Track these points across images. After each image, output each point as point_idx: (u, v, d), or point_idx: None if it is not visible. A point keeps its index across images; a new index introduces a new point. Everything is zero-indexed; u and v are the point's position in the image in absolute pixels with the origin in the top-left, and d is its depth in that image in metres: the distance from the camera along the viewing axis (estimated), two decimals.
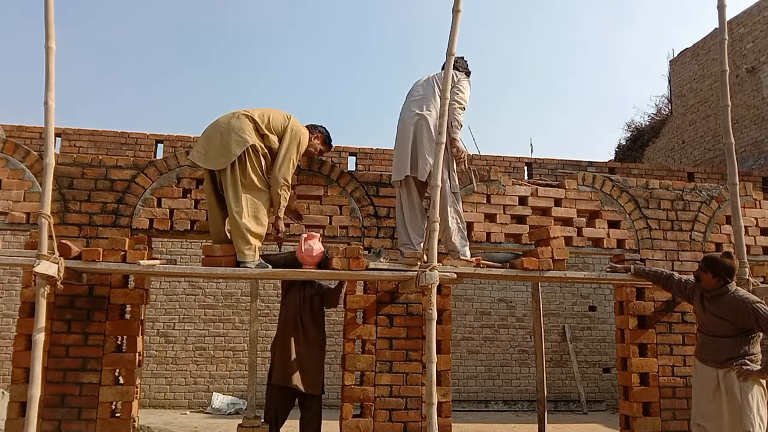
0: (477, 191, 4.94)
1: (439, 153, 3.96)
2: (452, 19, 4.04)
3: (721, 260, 4.04)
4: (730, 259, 4.07)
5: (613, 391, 10.97)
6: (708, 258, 4.12)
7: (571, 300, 11.42)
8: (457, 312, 10.86)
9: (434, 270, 3.80)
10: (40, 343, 3.44)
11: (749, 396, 3.82)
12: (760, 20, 12.08)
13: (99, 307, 4.31)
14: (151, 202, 4.56)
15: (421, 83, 4.69)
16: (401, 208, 4.54)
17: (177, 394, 10.16)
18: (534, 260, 4.35)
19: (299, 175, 4.75)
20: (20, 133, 9.72)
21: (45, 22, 3.53)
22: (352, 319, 4.56)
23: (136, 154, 9.97)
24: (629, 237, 5.12)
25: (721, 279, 4.00)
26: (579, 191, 5.12)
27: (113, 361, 4.26)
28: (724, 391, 3.92)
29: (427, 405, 3.70)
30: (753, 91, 12.14)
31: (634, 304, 4.98)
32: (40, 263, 3.46)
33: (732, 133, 4.61)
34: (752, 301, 3.93)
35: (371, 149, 10.79)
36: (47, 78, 3.51)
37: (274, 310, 10.55)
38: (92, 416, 4.18)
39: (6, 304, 10.08)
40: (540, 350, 6.41)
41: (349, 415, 4.45)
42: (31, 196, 4.43)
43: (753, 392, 3.85)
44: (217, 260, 4.04)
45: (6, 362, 9.64)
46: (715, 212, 5.31)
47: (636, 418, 4.80)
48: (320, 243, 4.13)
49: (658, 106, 16.10)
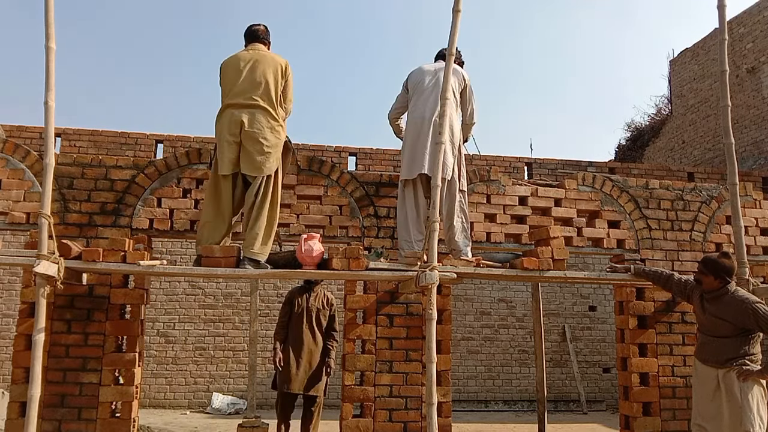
0: (477, 191, 4.94)
1: (439, 153, 3.97)
2: (452, 19, 4.04)
3: (721, 261, 4.04)
4: (728, 259, 4.07)
5: (613, 391, 10.96)
6: (707, 260, 4.11)
7: (571, 300, 11.42)
8: (457, 312, 10.86)
9: (434, 270, 3.81)
10: (40, 343, 3.44)
11: (749, 396, 3.82)
12: (760, 20, 12.08)
13: (99, 307, 4.31)
14: (151, 202, 4.56)
15: (428, 83, 4.65)
16: (405, 207, 4.53)
17: (177, 394, 10.16)
18: (534, 260, 4.35)
19: (299, 175, 4.75)
20: (20, 133, 9.72)
21: (45, 22, 3.53)
22: (352, 319, 4.56)
23: (136, 154, 9.96)
24: (629, 237, 5.12)
25: (722, 280, 4.00)
26: (579, 191, 5.12)
27: (113, 361, 4.26)
28: (724, 392, 3.91)
29: (427, 405, 3.70)
30: (753, 91, 12.14)
31: (634, 304, 4.98)
32: (40, 263, 3.46)
33: (732, 133, 4.61)
34: (752, 301, 3.93)
35: (371, 149, 10.79)
36: (47, 78, 3.51)
37: (274, 310, 10.54)
38: (92, 416, 4.18)
39: (6, 304, 10.07)
40: (540, 350, 6.42)
41: (349, 415, 4.46)
42: (31, 196, 4.43)
43: (753, 392, 3.84)
44: (216, 260, 4.04)
45: (6, 362, 9.64)
46: (715, 212, 5.31)
47: (636, 418, 4.80)
48: (320, 243, 4.13)
49: (658, 106, 16.10)
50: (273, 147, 4.15)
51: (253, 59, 4.25)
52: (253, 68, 4.20)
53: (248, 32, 4.41)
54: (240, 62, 4.24)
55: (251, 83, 4.16)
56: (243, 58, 4.27)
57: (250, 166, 4.10)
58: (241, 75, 4.18)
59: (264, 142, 4.10)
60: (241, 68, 4.20)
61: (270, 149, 4.12)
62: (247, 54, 4.30)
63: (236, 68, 4.22)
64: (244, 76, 4.18)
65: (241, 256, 4.06)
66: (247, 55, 4.29)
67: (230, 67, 4.25)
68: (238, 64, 4.23)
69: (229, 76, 4.23)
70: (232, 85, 4.19)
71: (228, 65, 4.28)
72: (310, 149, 10.33)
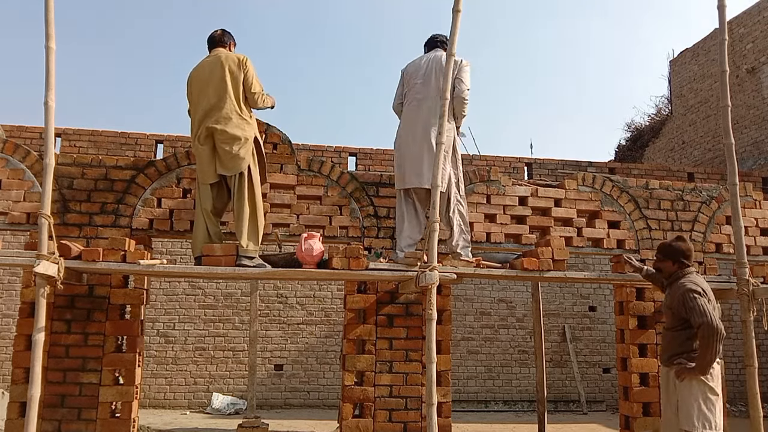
0: (477, 191, 4.94)
1: (439, 153, 3.97)
2: (452, 20, 4.04)
3: (676, 244, 3.94)
4: (684, 242, 3.96)
5: (613, 392, 10.96)
6: (662, 245, 4.03)
7: (571, 300, 11.42)
8: (457, 312, 10.86)
9: (434, 270, 3.81)
10: (40, 343, 3.45)
11: (689, 395, 3.61)
12: (760, 20, 12.09)
13: (99, 307, 4.31)
14: (151, 202, 4.56)
15: (418, 84, 4.60)
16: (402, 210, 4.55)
17: (177, 394, 10.16)
18: (534, 260, 4.35)
19: (299, 175, 4.75)
20: (20, 133, 9.72)
21: (45, 22, 3.54)
22: (352, 319, 4.56)
23: (136, 154, 9.97)
24: (629, 237, 5.12)
25: (680, 264, 3.88)
26: (579, 191, 5.12)
27: (113, 361, 4.26)
28: (672, 392, 3.74)
29: (427, 405, 3.70)
30: (753, 91, 12.15)
31: (634, 304, 4.98)
32: (40, 263, 3.46)
33: (732, 134, 4.61)
34: (688, 288, 3.68)
35: (371, 149, 10.80)
36: (47, 78, 3.52)
37: (274, 311, 10.56)
38: (92, 416, 4.18)
39: (6, 304, 10.08)
40: (540, 350, 6.42)
41: (349, 415, 4.45)
42: (31, 196, 4.43)
43: (693, 391, 3.61)
44: (217, 260, 4.04)
45: (6, 362, 9.63)
46: (715, 212, 5.31)
47: (636, 419, 4.80)
48: (320, 243, 4.13)
49: (658, 107, 16.13)
50: (242, 143, 4.21)
51: (212, 63, 4.34)
52: (212, 72, 4.29)
53: (208, 39, 4.54)
54: (202, 71, 4.34)
55: (214, 88, 4.25)
56: (204, 66, 4.37)
57: (222, 167, 4.21)
58: (204, 83, 4.28)
59: (232, 141, 4.18)
60: (204, 77, 4.30)
61: (239, 146, 4.19)
62: (207, 60, 4.40)
63: (199, 79, 4.32)
64: (206, 83, 4.27)
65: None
66: (207, 61, 4.39)
67: (194, 79, 4.35)
68: (200, 74, 4.33)
69: (194, 87, 4.34)
70: (198, 95, 4.29)
71: (192, 77, 4.38)
72: (310, 149, 10.34)
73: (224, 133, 4.17)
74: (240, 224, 4.14)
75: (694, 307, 3.61)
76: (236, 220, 4.17)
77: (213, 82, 4.25)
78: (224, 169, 4.20)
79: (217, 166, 4.22)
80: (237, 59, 4.34)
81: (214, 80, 4.25)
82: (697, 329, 3.59)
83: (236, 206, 4.19)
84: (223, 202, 4.38)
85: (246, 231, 4.13)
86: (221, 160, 4.20)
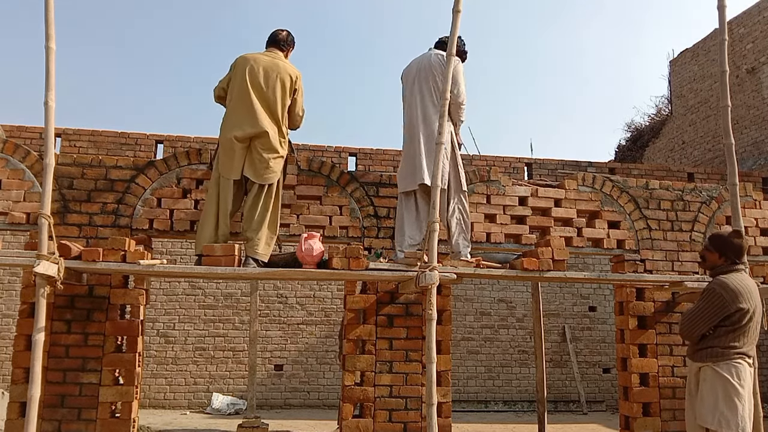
0: (477, 191, 4.94)
1: (439, 153, 3.97)
2: (452, 20, 4.03)
3: (729, 238, 3.73)
4: (739, 238, 3.74)
5: (613, 392, 10.96)
6: (714, 235, 3.82)
7: (571, 300, 11.42)
8: (457, 312, 10.86)
9: (434, 270, 3.80)
10: (40, 343, 3.44)
11: (710, 392, 3.54)
12: (760, 20, 12.09)
13: (99, 307, 4.30)
14: (151, 203, 4.56)
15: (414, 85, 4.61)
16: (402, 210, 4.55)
17: (177, 395, 10.16)
18: (534, 260, 4.35)
19: (299, 175, 4.75)
20: (20, 133, 9.73)
21: (45, 22, 3.53)
22: (352, 319, 4.56)
23: (136, 154, 9.97)
24: (629, 237, 5.12)
25: (726, 259, 3.69)
26: (579, 191, 5.12)
27: (113, 362, 4.26)
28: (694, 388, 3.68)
29: (427, 405, 3.70)
30: (753, 91, 12.15)
31: (634, 304, 4.98)
32: (40, 263, 3.46)
33: (732, 134, 4.60)
34: (711, 287, 3.56)
35: (371, 149, 10.80)
36: (47, 78, 3.51)
37: (274, 311, 10.56)
38: (92, 416, 4.18)
39: (6, 304, 10.08)
40: (540, 350, 6.42)
41: (349, 415, 4.45)
42: (31, 196, 4.43)
43: (714, 387, 3.53)
44: (217, 260, 4.04)
45: (6, 362, 9.64)
46: (715, 213, 5.31)
47: (636, 419, 4.80)
48: (320, 243, 4.13)
49: (658, 107, 16.13)
50: (277, 161, 4.29)
51: (269, 67, 4.33)
52: (268, 77, 4.29)
53: (271, 36, 4.55)
54: (257, 67, 4.30)
55: (268, 93, 4.27)
56: (259, 62, 4.34)
57: (254, 174, 4.23)
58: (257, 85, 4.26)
59: (270, 156, 4.23)
60: (258, 78, 4.27)
61: (274, 162, 4.26)
62: (265, 59, 4.38)
63: (252, 72, 4.28)
64: (258, 86, 4.26)
65: (243, 255, 4.12)
66: (264, 60, 4.36)
67: (249, 73, 4.29)
68: (254, 71, 4.29)
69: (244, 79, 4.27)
70: (245, 92, 4.25)
71: (242, 66, 4.32)
72: (310, 149, 10.34)
73: (267, 143, 4.21)
74: (260, 231, 4.18)
75: (695, 308, 3.65)
76: (255, 226, 4.19)
77: (269, 86, 4.27)
78: (255, 176, 4.22)
79: (245, 167, 4.24)
80: (291, 76, 4.37)
81: (270, 86, 4.27)
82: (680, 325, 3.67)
83: (258, 212, 4.21)
84: (237, 205, 4.37)
85: (265, 238, 4.18)
86: (254, 165, 4.22)
